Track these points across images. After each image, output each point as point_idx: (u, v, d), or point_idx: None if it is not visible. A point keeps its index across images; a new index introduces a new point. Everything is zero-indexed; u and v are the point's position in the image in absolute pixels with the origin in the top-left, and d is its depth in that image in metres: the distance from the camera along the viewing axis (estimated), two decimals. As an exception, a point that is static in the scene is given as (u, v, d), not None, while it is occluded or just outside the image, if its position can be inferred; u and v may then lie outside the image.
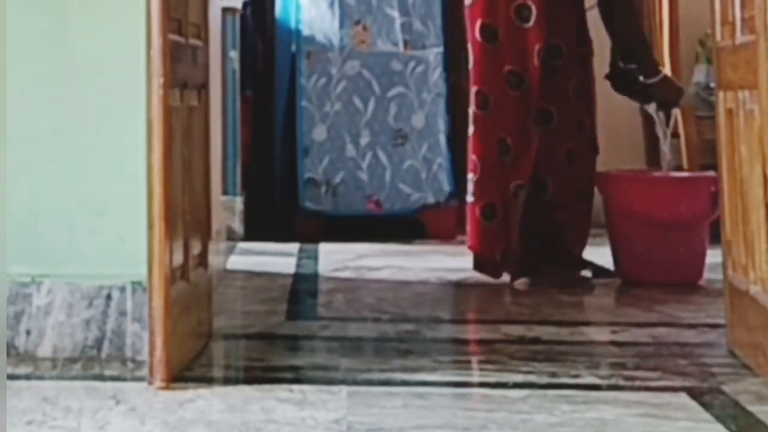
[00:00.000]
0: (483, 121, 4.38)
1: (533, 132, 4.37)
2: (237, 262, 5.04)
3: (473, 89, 4.43)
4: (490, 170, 4.36)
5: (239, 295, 4.31)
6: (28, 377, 2.98)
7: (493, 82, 4.38)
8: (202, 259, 3.36)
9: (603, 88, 5.10)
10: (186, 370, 3.03)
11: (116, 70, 3.19)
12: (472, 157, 4.41)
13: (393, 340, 3.46)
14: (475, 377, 3.05)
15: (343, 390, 2.85)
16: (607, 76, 4.66)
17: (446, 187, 5.89)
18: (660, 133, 4.72)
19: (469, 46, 4.46)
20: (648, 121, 6.04)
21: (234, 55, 5.71)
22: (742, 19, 3.08)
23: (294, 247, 5.48)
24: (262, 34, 6.34)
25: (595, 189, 4.59)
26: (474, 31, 4.42)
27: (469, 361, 3.30)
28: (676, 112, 4.76)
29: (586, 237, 4.51)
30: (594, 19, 4.63)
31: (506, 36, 4.37)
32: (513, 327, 3.62)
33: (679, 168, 5.50)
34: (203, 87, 3.44)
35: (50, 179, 3.20)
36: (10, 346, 3.14)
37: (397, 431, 2.52)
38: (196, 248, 3.28)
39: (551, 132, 4.40)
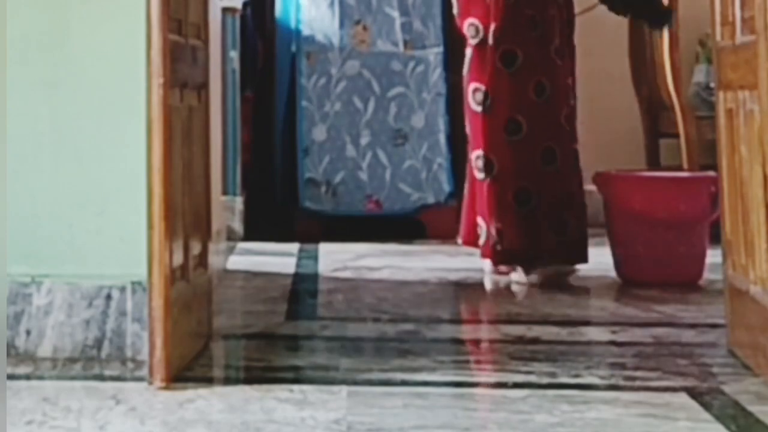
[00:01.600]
0: (484, 114, 4.45)
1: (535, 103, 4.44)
2: (237, 262, 5.04)
3: (471, 86, 4.48)
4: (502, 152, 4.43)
5: (239, 295, 4.31)
6: (28, 377, 2.99)
7: (488, 75, 4.44)
8: (202, 259, 3.36)
9: (603, 89, 5.11)
10: (186, 370, 3.03)
11: (116, 70, 3.19)
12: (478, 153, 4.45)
13: (393, 340, 3.46)
14: (475, 377, 3.05)
15: (343, 390, 2.85)
16: None
17: (446, 187, 5.89)
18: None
19: (467, 50, 4.53)
20: (648, 121, 6.06)
21: (234, 55, 5.70)
22: (742, 19, 3.08)
23: (294, 247, 5.48)
24: (262, 34, 6.34)
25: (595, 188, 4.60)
26: (464, 32, 4.52)
27: (469, 361, 3.31)
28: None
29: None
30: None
31: (496, 26, 4.42)
32: (513, 327, 3.62)
33: (679, 168, 5.49)
34: (203, 87, 3.44)
35: (50, 179, 3.20)
36: (10, 346, 3.14)
37: (397, 431, 2.52)
38: (196, 248, 3.28)
39: (545, 102, 4.44)
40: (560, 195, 4.45)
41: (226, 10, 5.52)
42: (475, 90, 4.47)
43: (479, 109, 4.46)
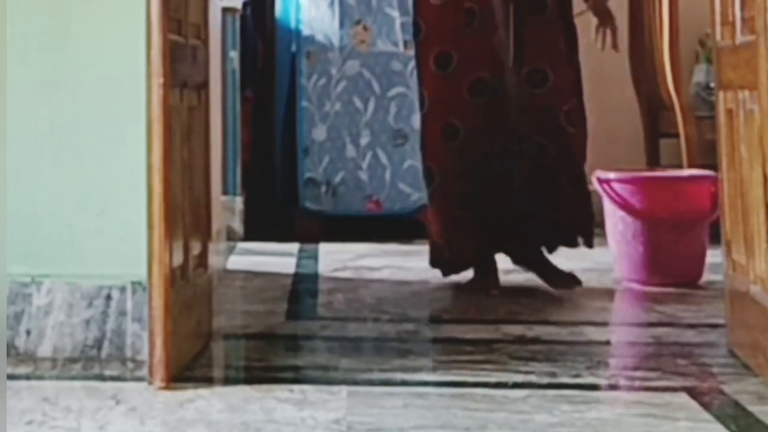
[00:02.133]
0: (423, 120, 4.32)
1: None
2: (237, 262, 5.04)
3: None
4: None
5: (239, 295, 4.31)
6: (28, 377, 2.99)
7: (424, 79, 4.29)
8: (202, 259, 3.36)
9: (603, 89, 5.10)
10: (186, 370, 3.03)
11: (116, 70, 3.19)
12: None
13: (393, 340, 3.46)
14: (475, 377, 3.04)
15: (343, 390, 2.85)
16: None
17: (446, 187, 5.88)
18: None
19: None
20: (648, 121, 6.06)
21: (234, 55, 5.71)
22: (742, 19, 3.08)
23: (294, 247, 5.48)
24: (262, 34, 6.34)
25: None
26: None
27: (469, 361, 3.30)
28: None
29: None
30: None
31: (427, 26, 4.26)
32: (513, 327, 3.62)
33: (679, 168, 5.49)
34: (203, 87, 3.44)
35: (50, 179, 3.20)
36: (10, 346, 3.14)
37: (397, 431, 2.52)
38: (196, 248, 3.28)
39: (487, 102, 4.19)
40: (510, 199, 4.22)
41: (226, 10, 5.52)
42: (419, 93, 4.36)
43: (420, 114, 4.34)
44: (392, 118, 5.93)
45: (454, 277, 4.51)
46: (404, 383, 2.93)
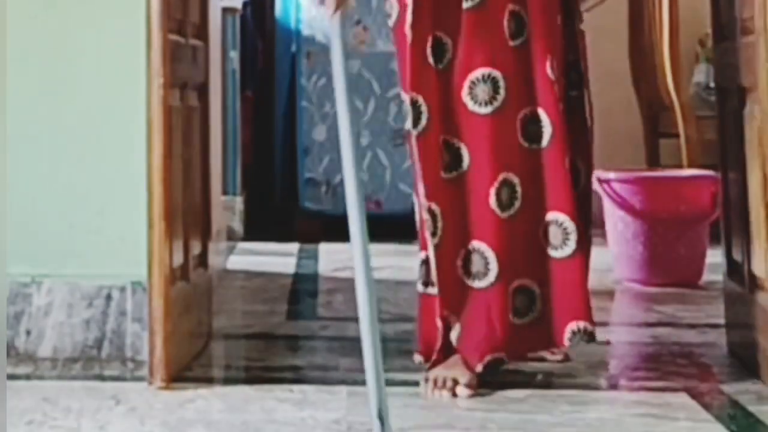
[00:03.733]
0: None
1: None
2: (237, 262, 5.04)
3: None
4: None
5: (239, 295, 4.31)
6: (28, 377, 2.99)
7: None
8: (202, 259, 3.36)
9: (603, 89, 5.08)
10: (186, 370, 3.03)
11: (116, 70, 3.19)
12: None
13: (393, 340, 3.46)
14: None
15: (343, 390, 2.85)
16: None
17: (446, 187, 5.88)
18: None
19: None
20: (648, 121, 6.06)
21: (234, 55, 5.71)
22: (742, 19, 3.08)
23: (294, 247, 5.48)
24: (262, 34, 6.34)
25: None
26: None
27: (469, 361, 3.30)
28: None
29: None
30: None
31: None
32: (513, 327, 3.61)
33: (679, 168, 5.49)
34: (203, 87, 3.44)
35: (50, 179, 3.20)
36: (10, 346, 3.14)
37: (397, 431, 2.52)
38: (196, 248, 3.28)
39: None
40: None
41: (226, 10, 5.52)
42: None
43: None
44: (392, 118, 5.93)
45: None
46: (404, 383, 2.92)
